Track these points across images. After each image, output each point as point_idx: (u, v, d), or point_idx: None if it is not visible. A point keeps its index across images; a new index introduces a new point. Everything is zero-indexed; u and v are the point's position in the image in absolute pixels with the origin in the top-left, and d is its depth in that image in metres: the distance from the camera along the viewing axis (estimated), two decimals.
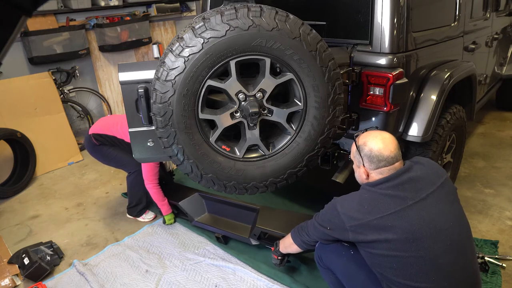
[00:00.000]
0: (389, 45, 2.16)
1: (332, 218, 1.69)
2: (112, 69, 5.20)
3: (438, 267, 1.51)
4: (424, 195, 1.55)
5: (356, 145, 1.72)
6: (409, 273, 1.52)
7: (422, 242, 1.50)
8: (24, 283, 2.56)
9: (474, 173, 3.54)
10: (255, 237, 2.56)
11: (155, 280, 2.47)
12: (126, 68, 1.99)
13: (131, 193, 3.10)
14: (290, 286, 2.33)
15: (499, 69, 4.19)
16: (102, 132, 2.97)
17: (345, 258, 1.77)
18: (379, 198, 1.57)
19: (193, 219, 2.90)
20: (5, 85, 4.01)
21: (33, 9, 0.87)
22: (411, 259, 1.51)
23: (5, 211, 3.46)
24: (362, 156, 1.68)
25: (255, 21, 1.74)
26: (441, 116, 2.54)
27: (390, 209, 1.53)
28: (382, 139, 1.66)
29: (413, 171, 1.61)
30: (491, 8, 3.45)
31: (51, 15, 4.50)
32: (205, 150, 1.92)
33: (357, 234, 1.59)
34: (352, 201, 1.65)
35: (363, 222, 1.56)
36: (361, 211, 1.58)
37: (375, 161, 1.64)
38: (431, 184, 1.58)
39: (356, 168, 1.77)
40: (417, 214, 1.52)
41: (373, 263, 1.63)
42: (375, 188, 1.61)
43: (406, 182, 1.57)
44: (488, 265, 2.38)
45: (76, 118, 4.82)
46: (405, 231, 1.50)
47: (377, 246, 1.55)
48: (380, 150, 1.64)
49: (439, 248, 1.51)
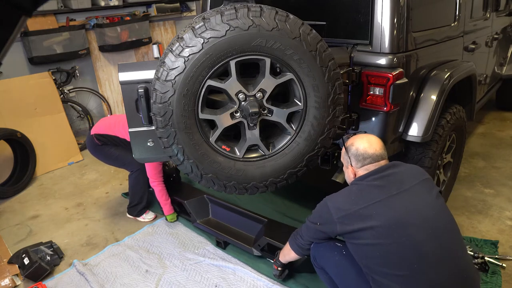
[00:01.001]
0: (389, 45, 2.16)
1: (322, 213, 1.75)
2: (112, 69, 5.20)
3: (421, 255, 1.53)
4: (407, 187, 1.64)
5: (344, 146, 1.84)
6: (392, 262, 1.55)
7: (405, 229, 1.55)
8: (24, 283, 2.56)
9: (474, 173, 3.54)
10: (258, 248, 2.53)
11: (155, 280, 2.47)
12: (126, 68, 1.99)
13: (133, 191, 3.10)
14: (291, 286, 2.33)
15: (499, 69, 4.18)
16: (104, 132, 2.97)
17: (337, 258, 1.80)
18: (365, 189, 1.67)
19: (195, 220, 2.89)
20: (5, 85, 4.01)
21: (33, 9, 0.87)
22: (393, 246, 1.54)
23: (5, 211, 3.46)
24: (350, 155, 1.79)
25: (255, 21, 1.74)
26: (441, 116, 2.54)
27: (376, 198, 1.61)
28: (368, 139, 1.79)
29: (397, 168, 1.72)
30: (491, 8, 3.45)
31: (51, 15, 4.50)
32: (205, 150, 1.92)
33: (344, 225, 1.64)
34: (341, 194, 1.73)
35: (350, 212, 1.63)
36: (349, 202, 1.66)
37: (360, 159, 1.75)
38: (414, 178, 1.68)
39: (345, 170, 1.87)
40: (401, 202, 1.60)
41: (359, 256, 1.66)
42: (363, 181, 1.71)
43: (391, 175, 1.68)
44: (488, 265, 2.38)
45: (76, 118, 4.82)
46: (389, 218, 1.56)
47: (362, 235, 1.59)
48: (365, 148, 1.75)
49: (422, 235, 1.54)
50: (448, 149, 2.87)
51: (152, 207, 3.27)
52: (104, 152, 3.03)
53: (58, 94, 4.37)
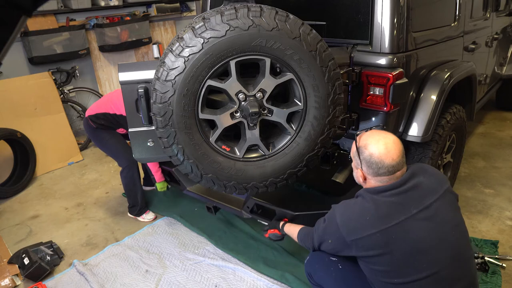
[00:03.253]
0: (389, 45, 2.16)
1: (332, 230, 1.61)
2: (112, 69, 5.20)
3: (440, 279, 1.48)
4: (427, 203, 1.49)
5: (356, 145, 1.60)
6: (410, 285, 1.47)
7: (426, 255, 1.45)
8: (24, 283, 2.56)
9: (474, 173, 3.54)
10: (247, 210, 2.48)
11: (155, 280, 2.47)
12: (126, 68, 1.99)
13: (128, 192, 3.10)
14: (291, 286, 2.33)
15: (499, 69, 4.18)
16: (96, 111, 2.93)
17: (334, 274, 1.71)
18: (381, 207, 1.49)
19: (185, 188, 2.82)
20: (5, 85, 4.01)
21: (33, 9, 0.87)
22: (413, 272, 1.46)
23: (5, 211, 3.46)
24: (361, 159, 1.57)
25: (255, 21, 1.74)
26: (441, 116, 2.54)
27: (394, 219, 1.45)
28: (385, 144, 1.53)
29: (417, 178, 1.53)
30: (491, 8, 3.45)
31: (51, 15, 4.50)
32: (205, 150, 1.92)
33: (360, 250, 1.51)
34: (352, 212, 1.55)
35: (365, 236, 1.47)
36: (363, 223, 1.48)
37: (374, 167, 1.53)
38: (434, 193, 1.52)
39: (354, 168, 1.69)
40: (421, 224, 1.46)
41: (372, 275, 1.57)
42: (378, 196, 1.51)
43: (409, 189, 1.50)
44: (488, 265, 2.38)
45: (76, 118, 4.82)
46: (409, 244, 1.44)
47: (379, 260, 1.49)
48: (381, 156, 1.51)
49: (442, 259, 1.46)
50: (448, 149, 2.87)
51: (152, 207, 3.27)
52: (99, 136, 3.00)
53: (58, 94, 4.37)
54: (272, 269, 2.45)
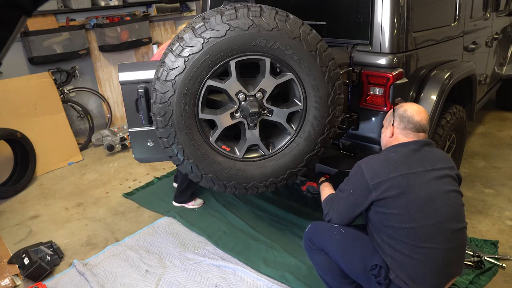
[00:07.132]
0: (389, 45, 2.16)
1: (356, 179, 1.74)
2: (112, 69, 5.20)
3: (443, 230, 1.63)
4: (439, 167, 1.71)
5: (394, 107, 1.86)
6: (418, 233, 1.61)
7: (435, 204, 1.63)
8: (24, 283, 2.56)
9: (474, 173, 3.54)
10: None
11: (155, 280, 2.47)
12: (126, 68, 1.99)
13: (183, 175, 3.04)
14: (291, 286, 2.33)
15: (499, 69, 4.19)
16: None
17: (338, 236, 1.82)
18: (404, 157, 1.70)
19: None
20: (5, 85, 4.00)
21: (33, 9, 0.87)
22: (422, 219, 1.61)
23: (5, 211, 3.46)
24: (395, 115, 1.81)
25: (255, 21, 1.75)
26: (441, 116, 2.54)
27: (413, 169, 1.66)
28: (418, 107, 1.82)
29: (432, 148, 1.78)
30: (491, 8, 3.45)
31: (51, 15, 4.50)
32: (205, 150, 1.92)
33: (380, 192, 1.65)
34: (377, 159, 1.75)
35: (387, 178, 1.65)
36: (387, 168, 1.67)
37: (405, 121, 1.78)
38: (445, 162, 1.76)
39: (384, 130, 1.89)
40: (433, 179, 1.67)
41: (383, 225, 1.68)
42: (400, 148, 1.75)
43: (427, 153, 1.74)
44: (484, 264, 2.38)
45: (76, 118, 4.82)
46: (424, 191, 1.63)
47: (395, 203, 1.63)
48: (413, 113, 1.78)
49: (446, 212, 1.64)
50: (448, 149, 2.87)
51: (152, 207, 3.27)
52: None
53: (58, 94, 4.37)
54: (272, 269, 2.45)
